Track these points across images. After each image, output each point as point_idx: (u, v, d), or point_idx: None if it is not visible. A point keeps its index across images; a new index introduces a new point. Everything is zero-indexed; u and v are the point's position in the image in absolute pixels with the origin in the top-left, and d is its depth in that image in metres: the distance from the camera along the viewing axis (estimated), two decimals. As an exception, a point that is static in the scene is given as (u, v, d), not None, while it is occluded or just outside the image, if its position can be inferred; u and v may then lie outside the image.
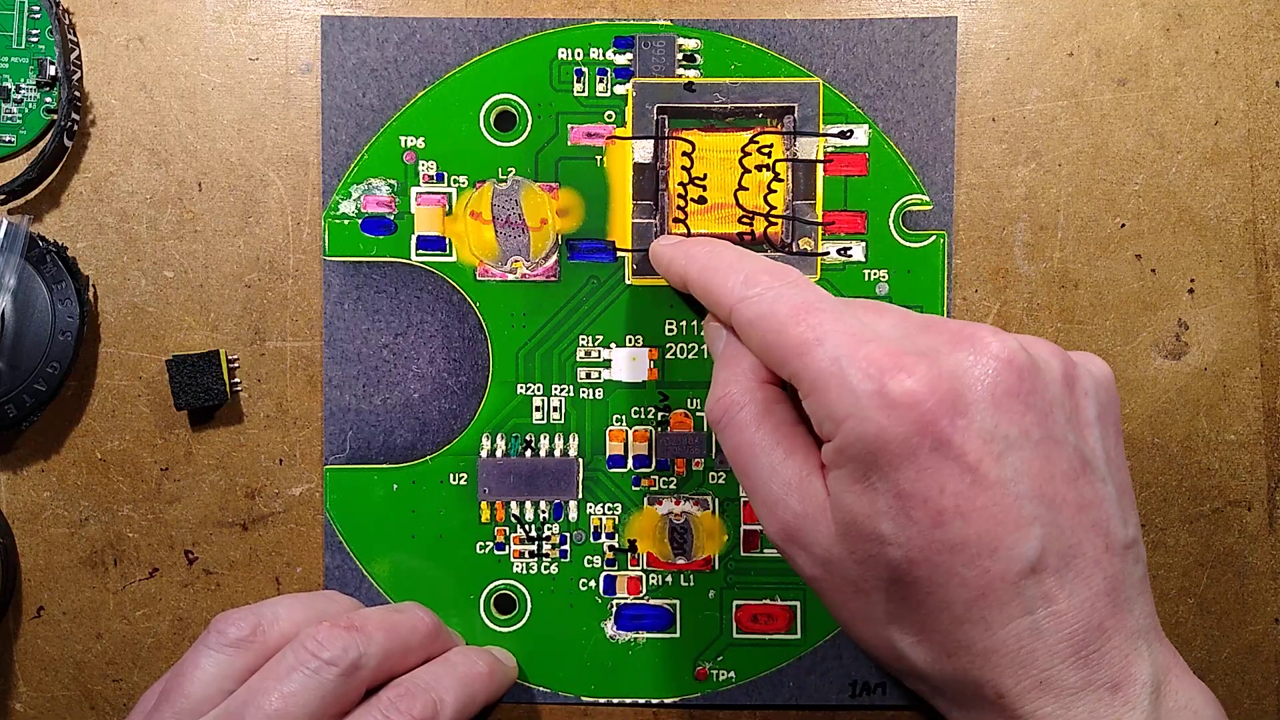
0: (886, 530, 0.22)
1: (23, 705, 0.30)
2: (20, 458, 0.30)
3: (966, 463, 0.21)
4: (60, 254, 0.29)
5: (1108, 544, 0.22)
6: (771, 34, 0.29)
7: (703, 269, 0.26)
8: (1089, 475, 0.22)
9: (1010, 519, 0.21)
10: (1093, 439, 0.23)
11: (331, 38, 0.29)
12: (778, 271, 0.25)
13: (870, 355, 0.22)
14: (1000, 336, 0.22)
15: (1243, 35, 0.29)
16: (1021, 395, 0.22)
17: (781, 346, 0.23)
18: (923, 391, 0.21)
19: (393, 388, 0.30)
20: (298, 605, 0.26)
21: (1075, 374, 0.23)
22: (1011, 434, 0.21)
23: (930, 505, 0.21)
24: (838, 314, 0.23)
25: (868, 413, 0.21)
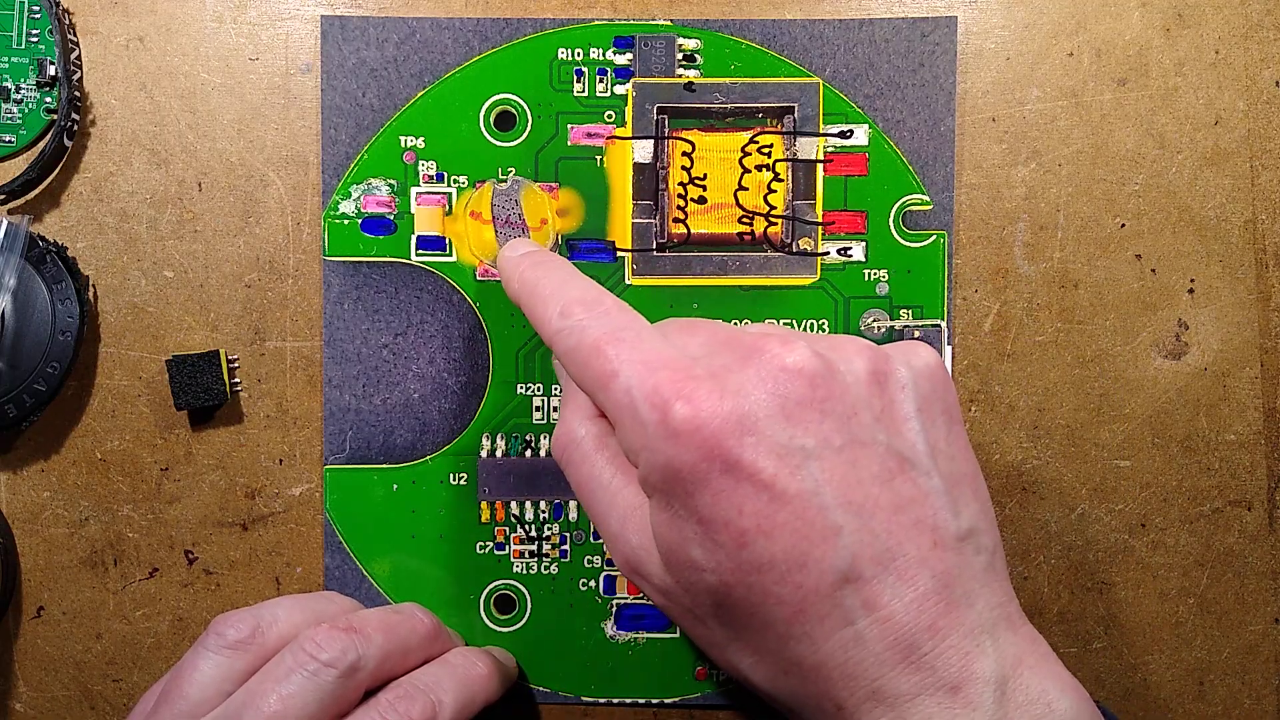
0: (697, 556, 0.21)
1: (23, 705, 0.30)
2: (20, 458, 0.30)
3: (761, 480, 0.21)
4: (60, 254, 0.29)
5: (935, 540, 0.21)
6: (771, 34, 0.29)
7: (529, 293, 0.26)
8: (907, 472, 0.22)
9: (815, 531, 0.21)
10: (911, 433, 0.22)
11: (331, 38, 0.29)
12: (592, 301, 0.24)
13: (656, 384, 0.22)
14: (790, 345, 0.22)
15: (1243, 35, 0.29)
16: (815, 403, 0.21)
17: (589, 379, 0.23)
18: (704, 416, 0.21)
19: (393, 388, 0.30)
20: (297, 607, 0.26)
21: (886, 369, 0.23)
22: (808, 444, 0.21)
23: (732, 527, 0.21)
24: (638, 342, 0.23)
25: (656, 443, 0.21)
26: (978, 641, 0.21)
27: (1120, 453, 0.30)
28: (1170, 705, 0.30)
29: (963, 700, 0.20)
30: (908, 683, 0.21)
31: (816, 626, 0.21)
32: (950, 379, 0.24)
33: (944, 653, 0.21)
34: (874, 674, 0.21)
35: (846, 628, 0.21)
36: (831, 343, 0.23)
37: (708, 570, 0.21)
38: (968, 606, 0.21)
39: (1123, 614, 0.30)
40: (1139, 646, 0.30)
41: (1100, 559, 0.30)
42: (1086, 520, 0.30)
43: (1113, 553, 0.30)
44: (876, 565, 0.21)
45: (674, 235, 0.29)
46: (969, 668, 0.21)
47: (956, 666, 0.21)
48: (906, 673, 0.21)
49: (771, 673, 0.22)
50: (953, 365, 0.30)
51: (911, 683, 0.21)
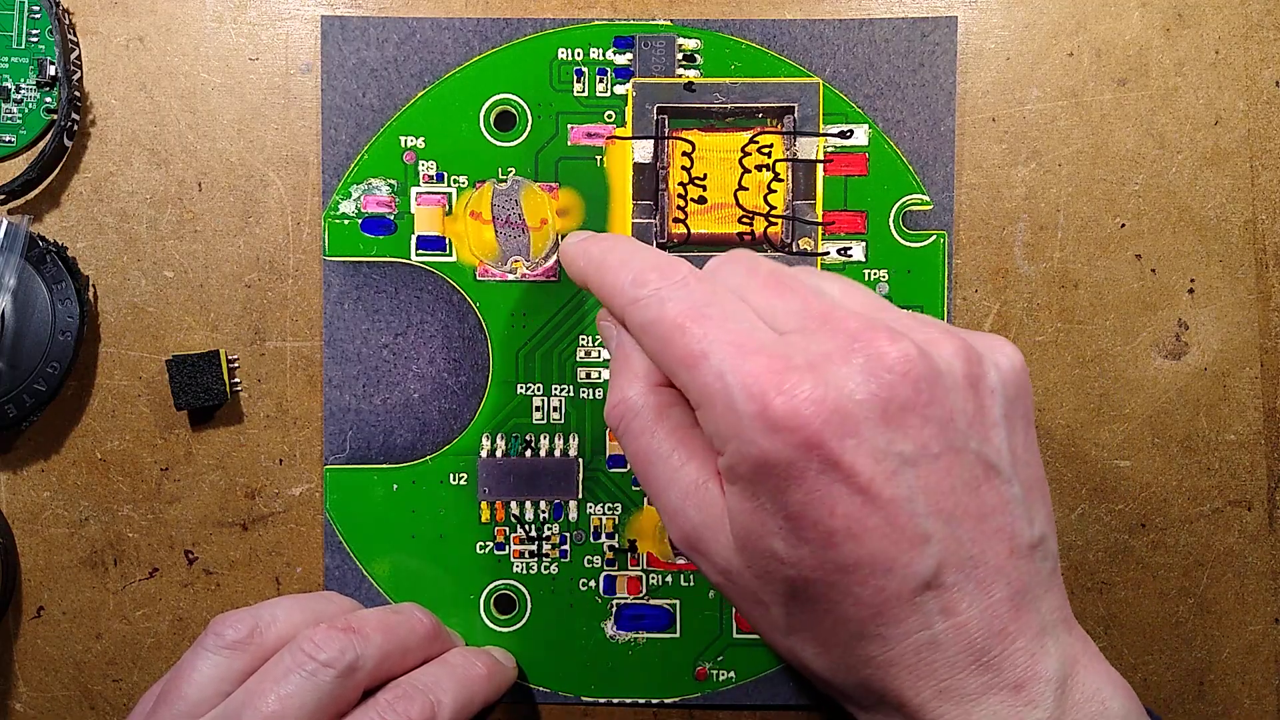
0: (779, 549, 0.21)
1: (23, 705, 0.30)
2: (20, 458, 0.30)
3: (858, 484, 0.20)
4: (60, 254, 0.29)
5: (1012, 549, 0.21)
6: (771, 34, 0.29)
7: (597, 267, 0.25)
8: (993, 480, 0.21)
9: (905, 538, 0.21)
10: (998, 440, 0.22)
11: (331, 38, 0.29)
12: (668, 268, 0.23)
13: (753, 372, 0.21)
14: (898, 342, 0.21)
15: (1243, 35, 0.29)
16: (918, 409, 0.21)
17: (669, 356, 0.22)
18: (808, 413, 0.20)
19: (393, 388, 0.30)
20: (296, 607, 0.26)
21: (979, 372, 0.22)
22: (906, 450, 0.21)
23: (820, 527, 0.21)
24: (725, 320, 0.22)
25: (751, 435, 0.21)
26: (1042, 643, 0.21)
27: (1120, 453, 0.30)
28: (1170, 705, 0.30)
29: (1025, 699, 0.21)
30: (976, 683, 0.21)
31: (893, 628, 0.21)
32: (1028, 380, 0.23)
33: (1012, 655, 0.21)
34: (944, 675, 0.21)
35: (923, 631, 0.21)
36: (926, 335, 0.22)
37: (788, 564, 0.21)
38: (1034, 611, 0.21)
39: (1123, 614, 0.30)
40: (1139, 646, 0.30)
41: (1100, 559, 0.30)
42: (1086, 520, 0.30)
43: (1113, 553, 0.30)
44: (958, 573, 0.21)
45: (674, 235, 0.29)
46: (1033, 668, 0.21)
47: (1022, 667, 0.21)
48: (976, 673, 0.21)
49: (835, 664, 0.22)
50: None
51: (980, 683, 0.21)
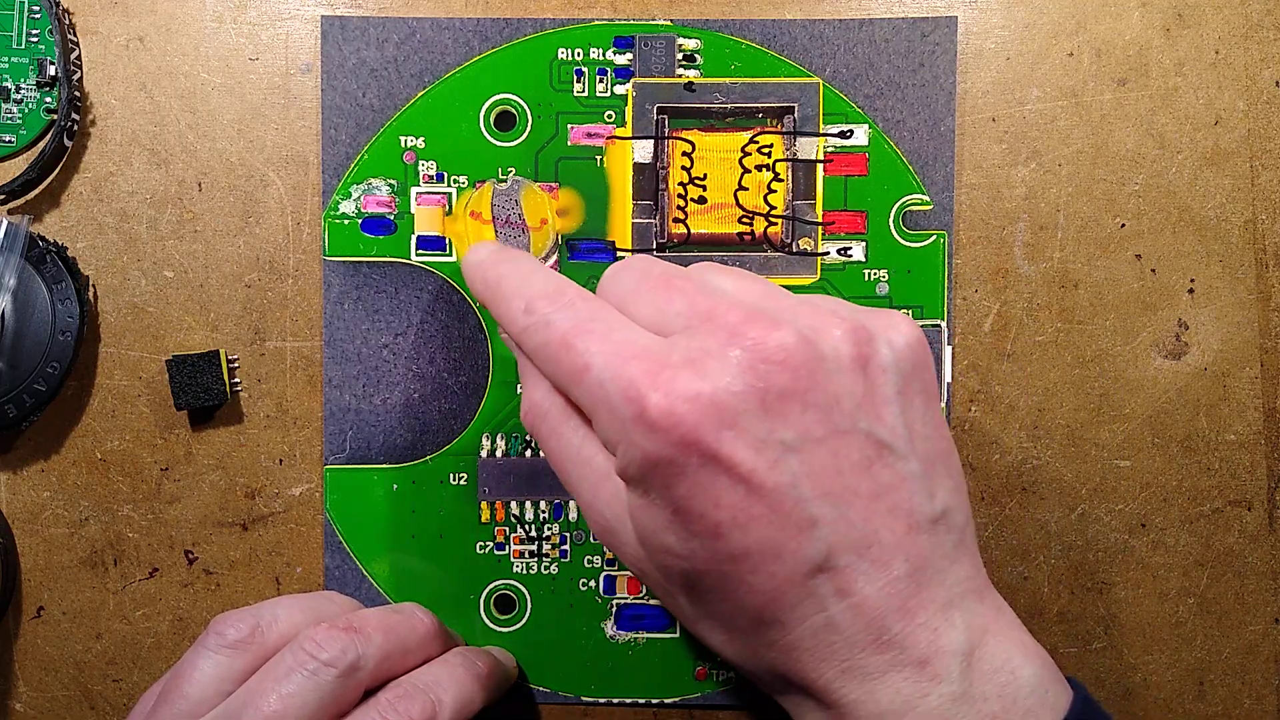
0: (672, 543, 0.22)
1: (23, 705, 0.30)
2: (20, 458, 0.30)
3: (739, 474, 0.21)
4: (60, 254, 0.29)
5: (910, 525, 0.21)
6: (771, 34, 0.29)
7: (492, 293, 0.25)
8: (886, 458, 0.21)
9: (791, 524, 0.21)
10: (891, 417, 0.22)
11: (331, 38, 0.29)
12: (555, 294, 0.24)
13: (631, 375, 0.21)
14: (777, 330, 0.21)
15: (1243, 35, 0.29)
16: (799, 395, 0.21)
17: (560, 374, 0.23)
18: (682, 409, 0.20)
19: (393, 388, 0.30)
20: (296, 606, 0.26)
21: (869, 352, 0.22)
22: (788, 437, 0.21)
23: (707, 519, 0.21)
24: (607, 332, 0.22)
25: (634, 436, 0.21)
26: (947, 616, 0.21)
27: (1120, 453, 0.30)
28: (1170, 705, 0.30)
29: (930, 673, 0.21)
30: (878, 661, 0.21)
31: (789, 613, 0.21)
32: (929, 354, 0.23)
33: (914, 631, 0.21)
34: (845, 655, 0.21)
35: (819, 614, 0.21)
36: (812, 318, 0.22)
37: (682, 557, 0.22)
38: (938, 584, 0.21)
39: (1123, 614, 0.30)
40: (1139, 646, 0.30)
41: (1100, 559, 0.30)
42: (1086, 520, 0.30)
43: (1113, 553, 0.30)
44: (851, 553, 0.21)
45: (674, 235, 0.29)
46: (937, 643, 0.21)
47: (925, 643, 0.21)
48: (877, 652, 0.21)
49: (741, 650, 0.22)
50: (953, 365, 0.30)
51: (882, 661, 0.21)
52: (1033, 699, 0.21)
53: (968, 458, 0.30)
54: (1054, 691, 0.22)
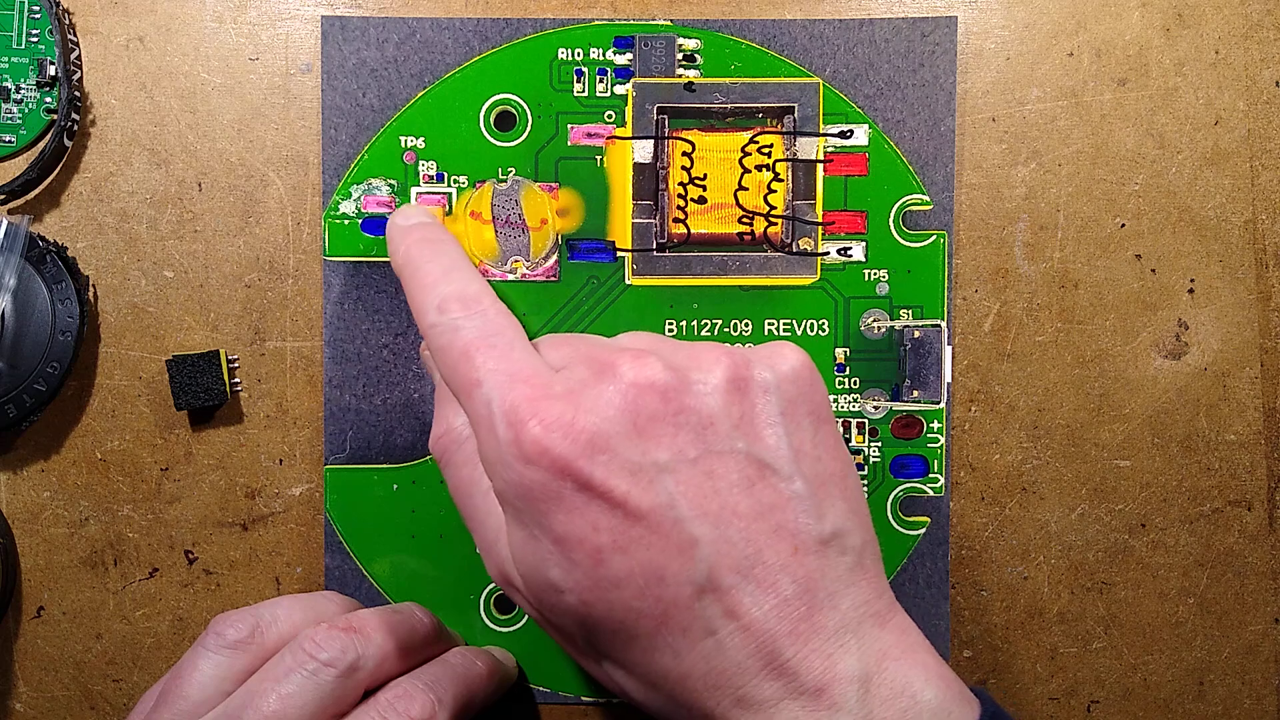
0: (556, 577, 0.21)
1: (23, 705, 0.30)
2: (20, 458, 0.30)
3: (614, 498, 0.21)
4: (60, 254, 0.29)
5: (796, 545, 0.21)
6: (771, 34, 0.29)
7: (410, 275, 0.25)
8: (769, 478, 0.22)
9: (672, 544, 0.21)
10: (772, 439, 0.22)
11: (331, 38, 0.29)
12: (471, 299, 0.24)
13: (514, 400, 0.21)
14: (640, 361, 0.22)
15: (1243, 35, 0.29)
16: (668, 417, 0.21)
17: (454, 383, 0.23)
18: (555, 436, 0.21)
19: (393, 388, 0.30)
20: (296, 606, 0.26)
21: (746, 375, 0.22)
22: (661, 458, 0.21)
23: (587, 545, 0.21)
24: (507, 352, 0.23)
25: (509, 462, 0.21)
26: (841, 641, 0.21)
27: (1120, 453, 0.30)
28: (1170, 705, 0.30)
29: (826, 702, 0.21)
30: (771, 689, 0.21)
31: (679, 638, 0.21)
32: (818, 379, 0.23)
33: (806, 657, 0.21)
34: (738, 682, 0.21)
35: (708, 638, 0.21)
36: (691, 353, 0.23)
37: (567, 590, 0.21)
38: (831, 608, 0.21)
39: (1123, 614, 0.30)
40: (1139, 646, 0.30)
41: (1100, 559, 0.30)
42: (1086, 520, 0.30)
43: (1113, 553, 0.30)
44: (735, 574, 0.21)
45: (674, 235, 0.30)
46: (832, 669, 0.21)
47: (819, 669, 0.21)
48: (769, 679, 0.21)
49: (642, 686, 0.22)
50: (953, 365, 0.30)
51: (775, 689, 0.21)
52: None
53: (967, 458, 0.30)
54: (958, 712, 0.21)
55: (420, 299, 0.25)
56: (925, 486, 0.30)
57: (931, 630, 0.29)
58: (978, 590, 0.30)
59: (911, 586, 0.30)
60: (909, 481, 0.30)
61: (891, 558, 0.30)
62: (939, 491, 0.30)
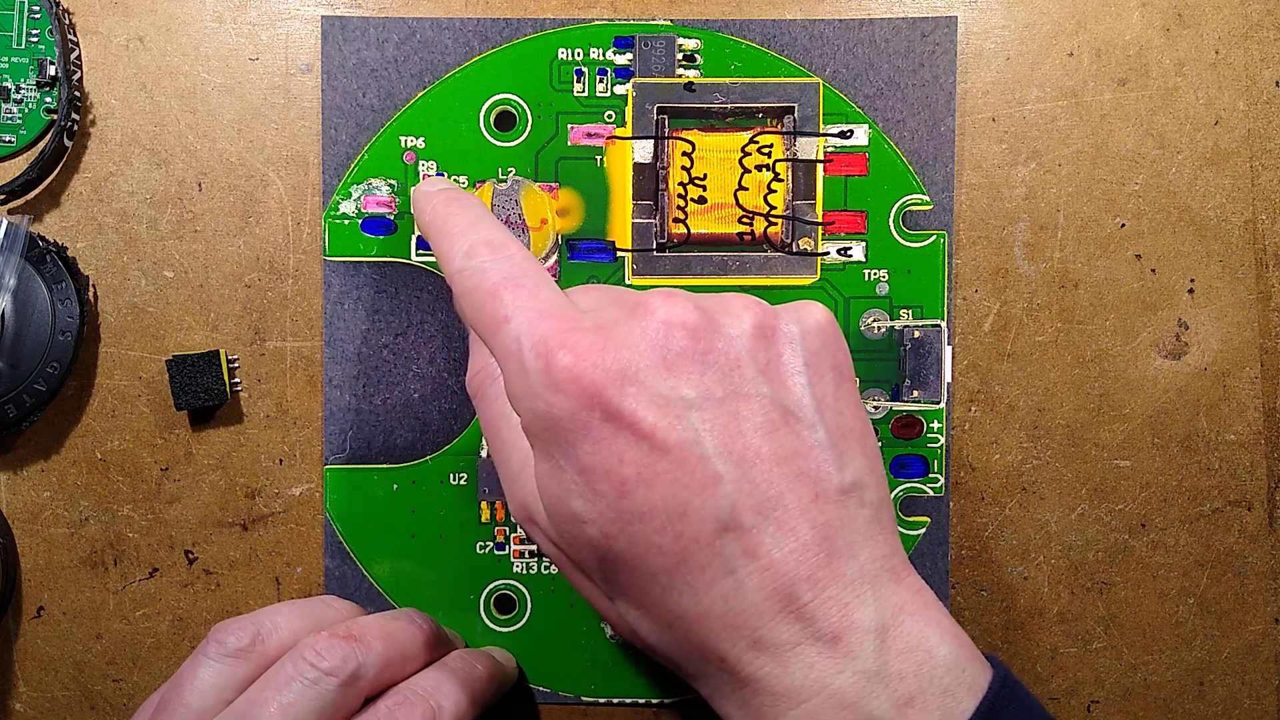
0: (579, 508, 0.22)
1: (23, 705, 0.30)
2: (20, 458, 0.30)
3: (641, 430, 0.21)
4: (60, 254, 0.29)
5: (817, 493, 0.21)
6: (771, 34, 0.29)
7: (439, 228, 0.25)
8: (792, 425, 0.22)
9: (696, 480, 0.21)
10: (796, 387, 0.22)
11: (331, 38, 0.29)
12: (499, 244, 0.24)
13: (544, 332, 0.22)
14: (672, 300, 0.22)
15: (1243, 35, 0.29)
16: (697, 355, 0.22)
17: (481, 322, 0.23)
18: (585, 365, 0.21)
19: (393, 388, 0.30)
20: (296, 613, 0.26)
21: (773, 324, 0.23)
22: (689, 394, 0.21)
23: (612, 476, 0.21)
24: (535, 291, 0.23)
25: (538, 390, 0.21)
26: (858, 592, 0.21)
27: (1120, 453, 0.30)
28: (1170, 705, 0.30)
29: (843, 649, 0.21)
30: (788, 632, 0.21)
31: (698, 576, 0.21)
32: (841, 337, 0.24)
33: (824, 603, 0.21)
34: (755, 623, 0.21)
35: (728, 577, 0.21)
36: (720, 300, 0.23)
37: (589, 521, 0.22)
38: (850, 558, 0.21)
39: (1123, 614, 0.30)
40: (1139, 646, 0.30)
41: (1100, 559, 0.30)
42: (1086, 520, 0.30)
43: (1113, 553, 0.30)
44: (757, 514, 0.21)
45: (674, 235, 0.29)
46: (849, 617, 0.21)
47: (836, 616, 0.21)
48: (787, 622, 0.21)
49: (657, 626, 0.22)
50: (953, 365, 0.30)
51: (792, 632, 0.21)
52: (949, 678, 0.21)
53: (967, 458, 0.30)
54: (971, 670, 0.21)
55: (447, 247, 0.25)
56: (925, 486, 0.30)
57: (931, 630, 0.29)
58: (978, 590, 0.30)
59: (911, 586, 0.30)
60: (909, 481, 0.30)
61: (891, 558, 0.30)
62: (939, 491, 0.30)
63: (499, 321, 0.23)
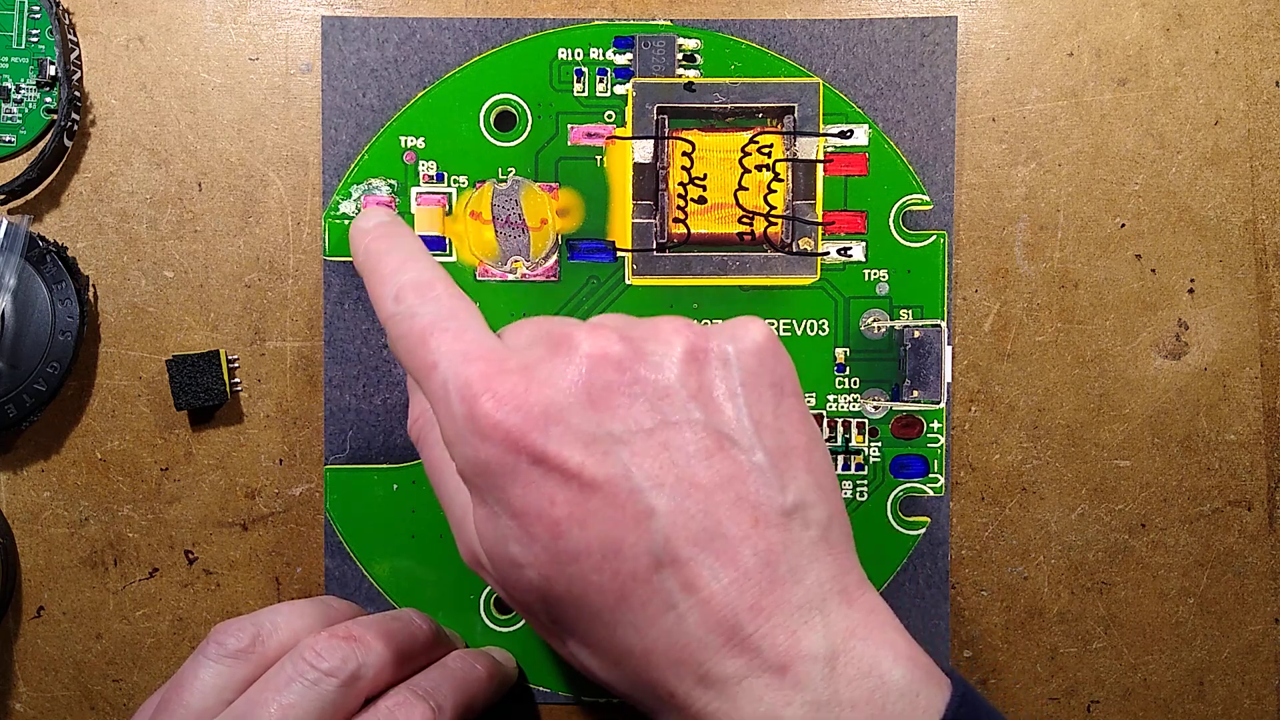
0: (516, 552, 0.21)
1: (23, 705, 0.30)
2: (20, 458, 0.30)
3: (569, 470, 0.21)
4: (60, 254, 0.29)
5: (757, 517, 0.21)
6: (771, 34, 0.29)
7: (370, 270, 0.26)
8: (727, 449, 0.21)
9: (628, 515, 0.21)
10: (731, 410, 0.22)
11: (331, 38, 0.29)
12: (425, 285, 0.24)
13: (468, 376, 0.22)
14: (596, 333, 0.22)
15: (1243, 35, 0.29)
16: (622, 387, 0.21)
17: (413, 369, 0.23)
18: (508, 409, 0.21)
19: (393, 388, 0.30)
20: (296, 613, 0.26)
21: (704, 346, 0.22)
22: (616, 429, 0.21)
23: (545, 518, 0.21)
24: (461, 333, 0.23)
25: (466, 438, 0.21)
26: (805, 618, 0.21)
27: (1120, 453, 0.30)
28: (1170, 705, 0.30)
29: (791, 680, 0.20)
30: (734, 665, 0.20)
31: (639, 612, 0.21)
32: (782, 353, 0.23)
33: (769, 633, 0.20)
34: (700, 658, 0.21)
35: (669, 612, 0.21)
36: (651, 326, 0.23)
37: (527, 565, 0.21)
38: (794, 583, 0.21)
39: (1123, 614, 0.30)
40: (1139, 646, 0.30)
41: (1100, 559, 0.30)
42: (1086, 520, 0.30)
43: (1113, 553, 0.30)
44: (694, 545, 0.21)
45: (674, 235, 0.29)
46: (796, 646, 0.20)
47: (784, 645, 0.20)
48: (732, 655, 0.20)
49: (606, 664, 0.22)
50: (953, 365, 0.30)
51: (738, 665, 0.20)
52: (903, 703, 0.20)
53: (967, 458, 0.30)
54: (927, 693, 0.21)
55: (378, 291, 0.25)
56: (925, 486, 0.30)
57: (931, 630, 0.29)
58: (978, 590, 0.30)
59: (911, 586, 0.30)
60: (909, 481, 0.30)
61: (891, 558, 0.30)
62: (939, 491, 0.30)
63: (428, 368, 0.23)
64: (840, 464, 0.30)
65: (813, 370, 0.30)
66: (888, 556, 0.30)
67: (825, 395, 0.30)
